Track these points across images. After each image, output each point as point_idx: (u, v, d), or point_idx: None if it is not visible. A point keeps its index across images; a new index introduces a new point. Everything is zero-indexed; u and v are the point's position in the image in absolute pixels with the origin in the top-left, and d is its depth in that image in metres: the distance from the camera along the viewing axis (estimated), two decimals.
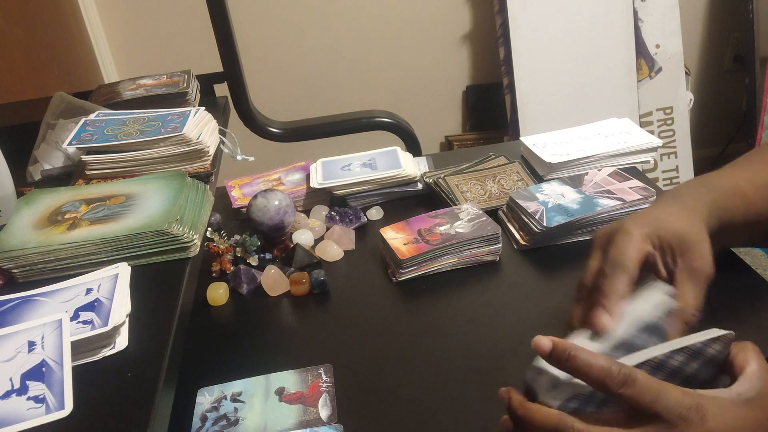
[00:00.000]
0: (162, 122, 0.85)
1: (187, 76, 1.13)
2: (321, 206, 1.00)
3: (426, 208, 0.94)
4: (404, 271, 0.82)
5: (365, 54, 2.21)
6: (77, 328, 0.55)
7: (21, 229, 0.69)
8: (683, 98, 2.18)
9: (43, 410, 0.48)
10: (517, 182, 1.00)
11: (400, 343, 0.73)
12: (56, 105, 1.00)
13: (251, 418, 0.64)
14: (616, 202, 0.85)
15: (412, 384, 0.67)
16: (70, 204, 0.74)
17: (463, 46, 2.25)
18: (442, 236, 0.84)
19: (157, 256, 0.67)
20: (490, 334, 0.73)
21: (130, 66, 2.09)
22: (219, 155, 0.92)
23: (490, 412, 0.62)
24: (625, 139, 1.03)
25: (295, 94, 2.23)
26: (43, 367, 0.51)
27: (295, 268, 0.86)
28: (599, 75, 2.09)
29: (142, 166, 0.82)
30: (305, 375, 0.68)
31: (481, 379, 0.66)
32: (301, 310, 0.81)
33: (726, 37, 2.35)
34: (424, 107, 2.32)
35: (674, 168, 2.23)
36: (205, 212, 0.75)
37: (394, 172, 1.00)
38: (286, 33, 2.14)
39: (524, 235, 0.87)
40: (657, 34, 2.11)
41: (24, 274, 0.66)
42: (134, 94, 1.08)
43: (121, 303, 0.58)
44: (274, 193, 0.89)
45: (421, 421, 0.62)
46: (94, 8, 1.99)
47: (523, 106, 2.09)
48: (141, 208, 0.71)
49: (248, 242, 0.89)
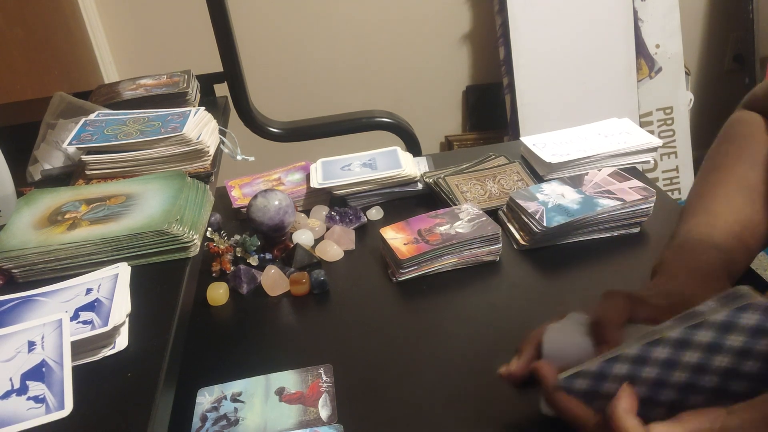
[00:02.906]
0: (162, 122, 0.85)
1: (187, 76, 1.13)
2: (321, 206, 1.00)
3: (426, 208, 0.94)
4: (404, 271, 0.82)
5: (365, 54, 2.21)
6: (77, 328, 0.55)
7: (21, 229, 0.69)
8: (683, 98, 2.18)
9: (43, 410, 0.48)
10: (517, 182, 1.00)
11: (400, 343, 0.73)
12: (56, 105, 1.00)
13: (251, 418, 0.64)
14: (616, 202, 0.85)
15: (412, 384, 0.67)
16: (70, 204, 0.74)
17: (463, 46, 2.25)
18: (442, 236, 0.84)
19: (157, 256, 0.67)
20: (490, 333, 0.73)
21: (130, 66, 2.09)
22: (219, 155, 0.92)
23: (490, 412, 0.62)
24: (625, 139, 1.03)
25: (295, 94, 2.23)
26: (43, 367, 0.51)
27: (295, 268, 0.86)
28: (599, 75, 2.09)
29: (142, 166, 0.82)
30: (305, 375, 0.68)
31: (481, 378, 0.66)
32: (301, 310, 0.81)
33: (726, 37, 2.35)
34: (424, 107, 2.32)
35: (674, 168, 2.23)
36: (205, 212, 0.75)
37: (394, 172, 1.00)
38: (286, 33, 2.14)
39: (524, 235, 0.87)
40: (657, 34, 2.11)
41: (24, 274, 0.66)
42: (134, 94, 1.08)
43: (121, 303, 0.58)
44: (274, 193, 0.89)
45: (421, 421, 0.62)
46: (94, 8, 1.99)
47: (523, 106, 2.08)
48: (141, 208, 0.71)
49: (248, 242, 0.89)
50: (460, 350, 0.70)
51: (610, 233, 0.87)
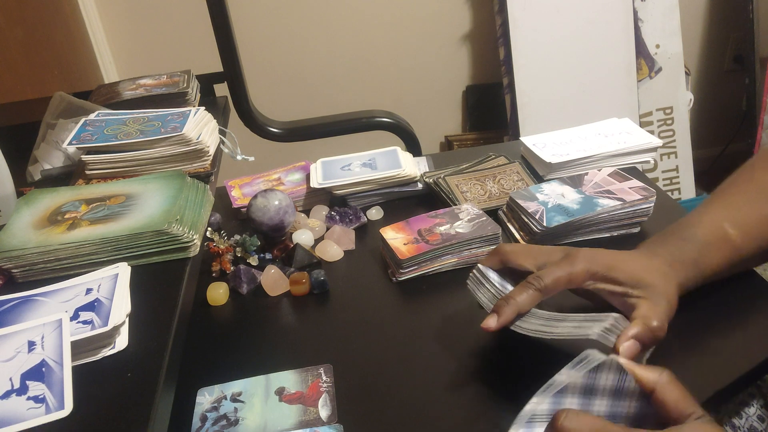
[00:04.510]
0: (162, 122, 0.85)
1: (187, 76, 1.13)
2: (321, 206, 1.00)
3: (426, 208, 0.94)
4: (404, 271, 0.82)
5: (365, 54, 2.21)
6: (77, 328, 0.55)
7: (21, 229, 0.69)
8: (683, 98, 2.18)
9: (43, 410, 0.48)
10: (517, 182, 1.00)
11: (400, 343, 0.73)
12: (56, 105, 1.00)
13: (251, 418, 0.64)
14: (616, 202, 0.85)
15: (413, 384, 0.67)
16: (70, 204, 0.74)
17: (463, 46, 2.25)
18: (442, 236, 0.84)
19: (157, 256, 0.67)
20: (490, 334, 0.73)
21: (130, 66, 2.09)
22: (219, 155, 0.92)
23: (491, 412, 0.62)
24: (625, 139, 1.03)
25: (295, 94, 2.23)
26: (43, 367, 0.51)
27: (295, 268, 0.86)
28: (599, 75, 2.09)
29: (142, 166, 0.82)
30: (305, 375, 0.68)
31: (482, 379, 0.66)
32: (301, 310, 0.81)
33: (726, 37, 2.35)
34: (424, 107, 2.32)
35: (674, 168, 2.23)
36: (205, 212, 0.75)
37: (394, 172, 1.00)
38: (286, 33, 2.14)
39: (524, 235, 0.87)
40: (657, 34, 2.11)
41: (24, 274, 0.66)
42: (134, 94, 1.08)
43: (121, 303, 0.58)
44: (274, 193, 0.89)
45: (421, 421, 0.62)
46: (94, 8, 1.99)
47: (523, 106, 2.09)
48: (141, 208, 0.71)
49: (248, 242, 0.89)
50: (460, 350, 0.70)
51: (610, 233, 0.87)
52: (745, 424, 0.64)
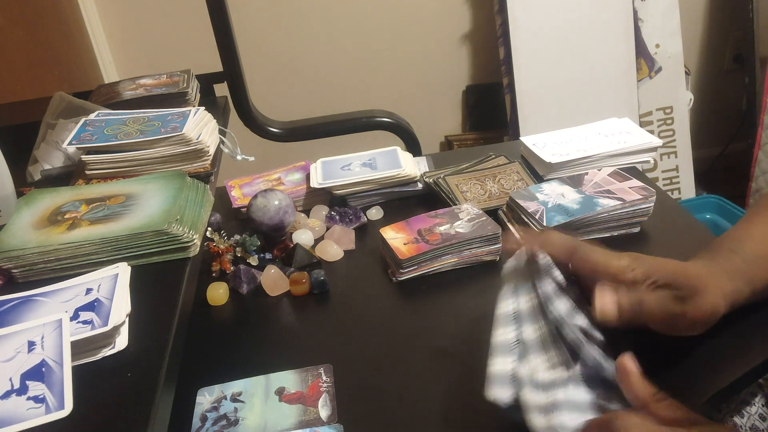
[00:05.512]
0: (162, 122, 0.85)
1: (187, 76, 1.13)
2: (321, 206, 1.00)
3: (426, 208, 0.94)
4: (404, 271, 0.82)
5: (365, 54, 2.21)
6: (77, 328, 0.55)
7: (21, 229, 0.69)
8: (683, 98, 2.18)
9: (43, 410, 0.48)
10: (517, 182, 1.00)
11: (401, 343, 0.73)
12: (56, 105, 1.00)
13: (251, 418, 0.64)
14: (616, 201, 0.85)
15: (412, 384, 0.67)
16: (70, 204, 0.74)
17: (463, 46, 2.25)
18: (442, 236, 0.84)
19: (157, 256, 0.67)
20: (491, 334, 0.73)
21: (130, 66, 2.09)
22: (219, 155, 0.92)
23: (491, 412, 0.62)
24: (625, 138, 1.03)
25: (295, 94, 2.23)
26: (43, 367, 0.51)
27: (295, 268, 0.86)
28: (599, 75, 2.09)
29: (142, 166, 0.82)
30: (305, 375, 0.68)
31: (482, 379, 0.66)
32: (301, 310, 0.81)
33: (726, 37, 2.35)
34: (424, 107, 2.32)
35: (674, 168, 2.23)
36: (205, 212, 0.75)
37: (394, 172, 1.00)
38: (286, 33, 2.14)
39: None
40: (657, 34, 2.11)
41: (24, 274, 0.66)
42: (134, 94, 1.08)
43: (121, 303, 0.58)
44: (274, 193, 0.89)
45: (421, 421, 0.62)
46: (94, 8, 1.99)
47: (523, 106, 2.08)
48: (141, 208, 0.71)
49: (248, 242, 0.89)
50: (461, 350, 0.70)
51: (610, 233, 0.87)
52: (747, 423, 0.64)
